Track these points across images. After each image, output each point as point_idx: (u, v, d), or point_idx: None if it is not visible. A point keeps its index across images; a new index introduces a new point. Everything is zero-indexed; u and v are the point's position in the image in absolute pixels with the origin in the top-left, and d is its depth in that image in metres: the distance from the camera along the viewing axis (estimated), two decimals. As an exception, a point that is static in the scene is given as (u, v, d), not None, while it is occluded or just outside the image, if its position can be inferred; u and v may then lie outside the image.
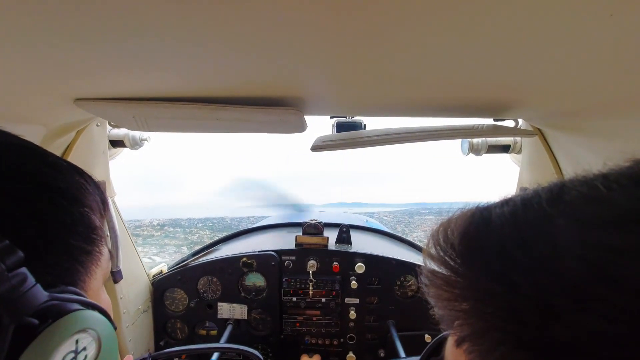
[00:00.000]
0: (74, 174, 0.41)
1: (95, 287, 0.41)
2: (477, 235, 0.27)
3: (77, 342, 0.32)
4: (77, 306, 0.34)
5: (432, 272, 0.29)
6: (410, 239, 2.03)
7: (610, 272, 0.20)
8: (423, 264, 0.31)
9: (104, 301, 0.44)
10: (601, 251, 0.21)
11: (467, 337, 0.26)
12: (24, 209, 0.34)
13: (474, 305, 0.26)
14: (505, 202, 0.28)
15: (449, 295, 0.27)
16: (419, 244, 1.99)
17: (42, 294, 0.31)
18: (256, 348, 1.57)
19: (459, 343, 0.27)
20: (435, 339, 0.38)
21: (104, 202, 0.45)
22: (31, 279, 0.30)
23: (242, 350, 1.16)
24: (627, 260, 0.20)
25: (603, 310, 0.20)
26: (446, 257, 0.28)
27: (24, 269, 0.30)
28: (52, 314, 0.31)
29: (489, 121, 1.05)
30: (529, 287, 0.23)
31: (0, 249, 0.29)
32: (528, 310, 0.22)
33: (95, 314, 0.35)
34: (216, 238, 2.01)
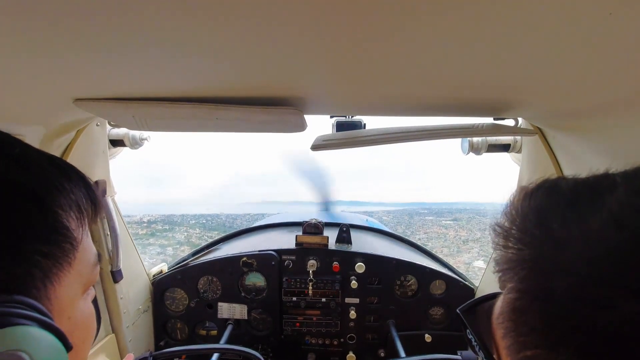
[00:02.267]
0: (47, 170, 0.36)
1: (67, 296, 0.35)
2: (542, 196, 0.32)
3: None
4: (9, 320, 0.28)
5: (501, 225, 0.34)
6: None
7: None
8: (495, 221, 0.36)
9: (80, 312, 0.38)
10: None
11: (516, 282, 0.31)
12: None
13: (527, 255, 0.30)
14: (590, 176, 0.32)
15: (508, 245, 0.33)
16: (419, 244, 1.99)
17: None
18: (256, 348, 1.57)
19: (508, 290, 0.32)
20: (491, 293, 0.41)
21: (94, 200, 0.41)
22: None
23: (244, 351, 1.15)
24: None
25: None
26: (513, 212, 0.34)
27: None
28: None
29: (489, 120, 1.05)
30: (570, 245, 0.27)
31: None
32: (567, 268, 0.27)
33: (35, 332, 0.29)
34: (206, 237, 2.02)
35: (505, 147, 1.32)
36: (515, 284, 0.31)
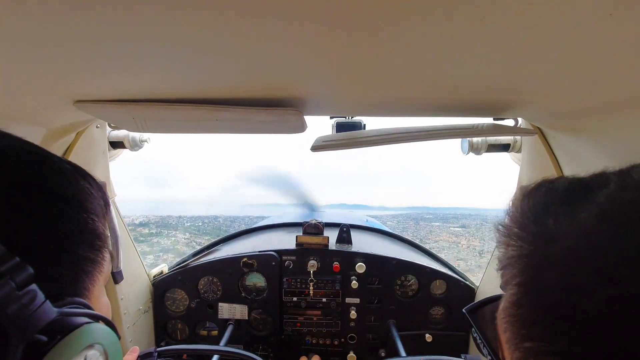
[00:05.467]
0: (78, 179, 0.40)
1: (97, 293, 0.41)
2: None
3: (85, 358, 0.32)
4: (84, 320, 0.33)
5: (503, 224, 0.35)
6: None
7: None
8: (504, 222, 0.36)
9: (104, 304, 0.44)
10: None
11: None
12: (31, 221, 0.33)
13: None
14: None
15: (509, 242, 0.33)
16: (419, 243, 1.99)
17: (51, 311, 0.30)
18: (257, 348, 1.57)
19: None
20: (496, 295, 0.42)
21: (106, 203, 0.44)
22: (41, 296, 0.30)
23: (246, 355, 1.15)
24: None
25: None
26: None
27: (34, 286, 0.29)
28: (60, 330, 0.31)
29: (489, 120, 1.05)
30: None
31: (10, 267, 0.28)
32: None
33: (101, 327, 0.35)
34: (195, 242, 2.00)
35: (505, 147, 1.32)
36: (514, 280, 0.32)
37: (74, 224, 0.36)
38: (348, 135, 1.05)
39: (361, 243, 1.68)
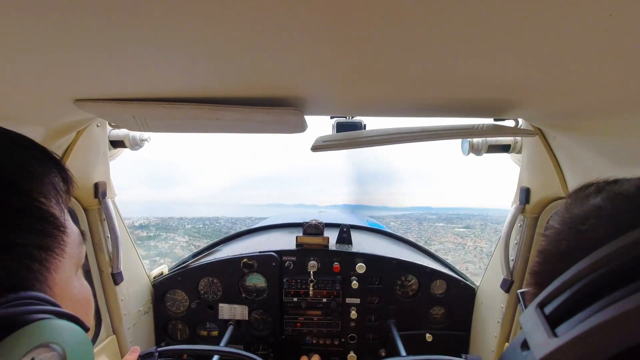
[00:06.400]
0: (15, 153, 0.34)
1: (64, 280, 0.36)
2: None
3: None
4: (32, 317, 0.28)
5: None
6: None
7: None
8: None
9: (80, 290, 0.39)
10: None
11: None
12: None
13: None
14: None
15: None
16: (422, 244, 1.98)
17: None
18: (257, 348, 1.57)
19: None
20: None
21: (65, 180, 0.38)
22: None
23: (246, 355, 1.15)
24: None
25: None
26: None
27: None
28: None
29: (489, 121, 1.05)
30: None
31: None
32: None
33: (56, 323, 0.30)
34: (193, 246, 2.00)
35: (505, 148, 1.32)
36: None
37: (5, 209, 0.31)
38: (348, 135, 1.05)
39: (361, 243, 1.68)
